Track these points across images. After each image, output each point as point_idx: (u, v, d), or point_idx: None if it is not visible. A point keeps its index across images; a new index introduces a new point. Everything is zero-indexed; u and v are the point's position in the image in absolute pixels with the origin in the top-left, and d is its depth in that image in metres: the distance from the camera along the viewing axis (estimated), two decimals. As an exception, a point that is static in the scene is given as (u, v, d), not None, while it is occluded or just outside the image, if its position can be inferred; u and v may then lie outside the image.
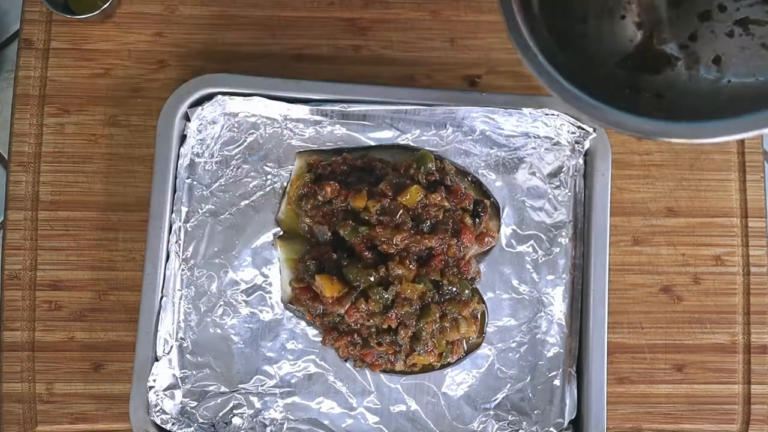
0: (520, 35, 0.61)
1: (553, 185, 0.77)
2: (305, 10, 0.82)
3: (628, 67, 0.71)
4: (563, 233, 0.77)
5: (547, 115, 0.74)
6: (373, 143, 0.77)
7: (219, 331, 0.74)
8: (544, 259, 0.76)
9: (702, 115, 0.64)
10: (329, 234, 0.73)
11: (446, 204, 0.71)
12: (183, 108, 0.74)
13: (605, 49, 0.71)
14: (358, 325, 0.72)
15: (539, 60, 0.60)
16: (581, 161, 0.77)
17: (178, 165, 0.74)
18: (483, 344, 0.75)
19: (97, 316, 0.77)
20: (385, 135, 0.77)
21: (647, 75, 0.70)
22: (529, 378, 0.75)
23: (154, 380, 0.71)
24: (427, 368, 0.74)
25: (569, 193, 0.77)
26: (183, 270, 0.74)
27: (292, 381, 0.74)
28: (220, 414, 0.73)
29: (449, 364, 0.74)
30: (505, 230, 0.77)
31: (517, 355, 0.76)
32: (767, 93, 0.68)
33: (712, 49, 0.70)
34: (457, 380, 0.75)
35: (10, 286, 0.78)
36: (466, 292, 0.72)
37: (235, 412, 0.74)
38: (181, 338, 0.74)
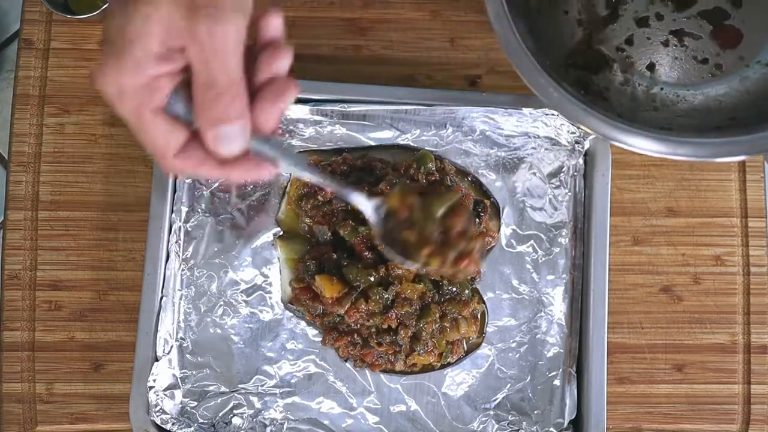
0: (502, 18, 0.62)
1: (553, 185, 0.77)
2: (305, 10, 0.82)
3: (573, 65, 0.72)
4: (563, 233, 0.77)
5: (547, 115, 0.74)
6: (373, 143, 0.77)
7: (219, 331, 0.74)
8: (544, 259, 0.76)
9: (639, 121, 0.66)
10: (329, 234, 0.73)
11: (446, 204, 0.71)
12: (183, 108, 0.74)
13: (556, 43, 0.72)
14: (358, 325, 0.72)
15: (514, 37, 0.62)
16: (581, 161, 0.77)
17: (178, 165, 0.74)
18: (483, 344, 0.75)
19: (97, 316, 0.77)
20: (385, 135, 0.77)
21: (589, 74, 0.72)
22: (529, 378, 0.75)
23: (154, 380, 0.71)
24: (427, 368, 0.74)
25: (569, 193, 0.77)
26: (183, 270, 0.74)
27: (292, 381, 0.74)
28: (220, 414, 0.73)
29: (449, 364, 0.74)
30: (505, 230, 0.77)
31: (517, 355, 0.76)
32: (698, 108, 0.70)
33: (647, 56, 0.72)
34: (457, 380, 0.75)
35: (10, 286, 0.78)
36: (466, 292, 0.72)
37: (235, 412, 0.74)
38: (181, 338, 0.74)
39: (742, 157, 0.62)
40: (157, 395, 0.71)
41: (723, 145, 0.61)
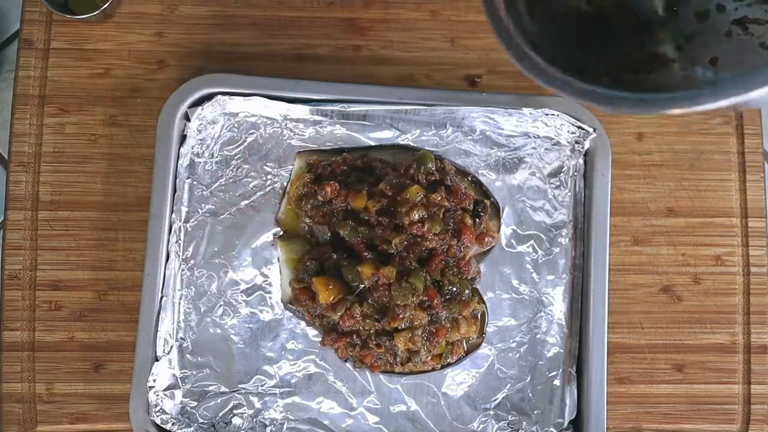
0: (507, 34, 0.60)
1: (553, 185, 0.77)
2: (305, 10, 0.82)
3: (628, 68, 0.70)
4: (563, 233, 0.77)
5: (547, 115, 0.74)
6: (373, 143, 0.77)
7: (219, 331, 0.74)
8: (544, 259, 0.76)
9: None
10: (329, 234, 0.73)
11: (446, 204, 0.71)
12: (183, 108, 0.74)
13: (604, 49, 0.71)
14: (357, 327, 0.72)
15: (533, 57, 0.60)
16: (581, 161, 0.77)
17: (178, 165, 0.74)
18: (483, 344, 0.75)
19: (97, 316, 0.77)
20: (385, 135, 0.77)
21: (647, 75, 0.70)
22: (529, 378, 0.75)
23: (154, 380, 0.71)
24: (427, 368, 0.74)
25: (569, 193, 0.77)
26: (183, 270, 0.74)
27: (292, 381, 0.74)
28: (220, 414, 0.73)
29: (449, 364, 0.74)
30: (505, 230, 0.77)
31: (517, 355, 0.75)
32: None
33: (709, 50, 0.69)
34: (457, 380, 0.75)
35: (10, 286, 0.78)
36: (466, 292, 0.72)
37: (235, 412, 0.74)
38: (181, 338, 0.74)
39: None
40: (157, 395, 0.71)
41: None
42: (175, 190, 0.74)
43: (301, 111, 0.75)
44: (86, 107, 0.80)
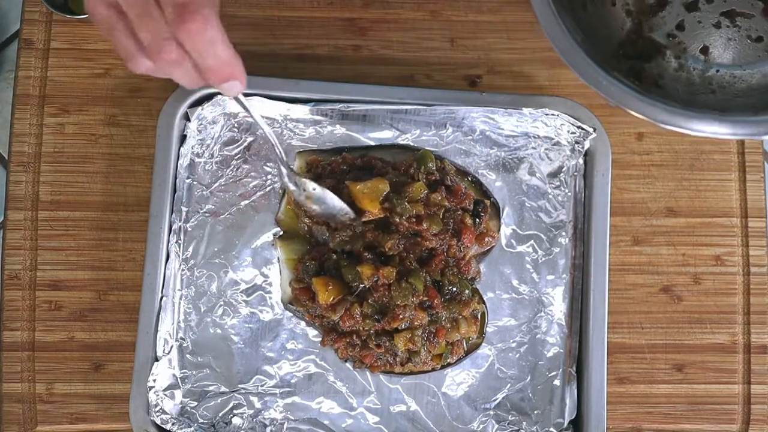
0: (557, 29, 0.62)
1: (553, 185, 0.77)
2: (305, 10, 0.82)
3: (624, 55, 0.72)
4: (563, 233, 0.77)
5: (547, 115, 0.74)
6: (373, 143, 0.77)
7: (219, 331, 0.74)
8: (544, 259, 0.76)
9: (697, 105, 0.65)
10: (328, 234, 0.73)
11: (446, 204, 0.71)
12: (183, 108, 0.74)
13: (605, 35, 0.72)
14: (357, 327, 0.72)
15: (565, 33, 0.62)
16: (581, 161, 0.77)
17: (178, 165, 0.74)
18: (483, 344, 0.75)
19: (97, 316, 0.77)
20: (385, 135, 0.77)
21: (642, 63, 0.71)
22: (529, 378, 0.75)
23: (154, 380, 0.71)
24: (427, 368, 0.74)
25: (569, 193, 0.77)
26: (183, 270, 0.74)
27: (292, 381, 0.74)
28: (220, 414, 0.73)
29: (449, 365, 0.74)
30: (505, 230, 0.77)
31: (517, 355, 0.75)
32: (756, 87, 0.69)
33: (700, 40, 0.71)
34: (457, 380, 0.75)
35: (10, 286, 0.78)
36: (466, 292, 0.72)
37: (235, 412, 0.74)
38: (181, 338, 0.74)
39: None
40: (157, 395, 0.71)
41: None
42: (175, 190, 0.74)
43: (301, 111, 0.75)
44: (86, 107, 0.80)
